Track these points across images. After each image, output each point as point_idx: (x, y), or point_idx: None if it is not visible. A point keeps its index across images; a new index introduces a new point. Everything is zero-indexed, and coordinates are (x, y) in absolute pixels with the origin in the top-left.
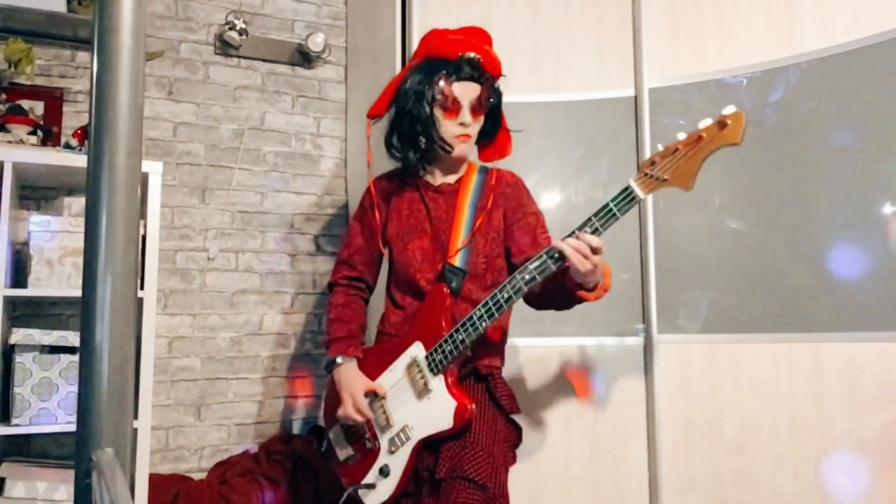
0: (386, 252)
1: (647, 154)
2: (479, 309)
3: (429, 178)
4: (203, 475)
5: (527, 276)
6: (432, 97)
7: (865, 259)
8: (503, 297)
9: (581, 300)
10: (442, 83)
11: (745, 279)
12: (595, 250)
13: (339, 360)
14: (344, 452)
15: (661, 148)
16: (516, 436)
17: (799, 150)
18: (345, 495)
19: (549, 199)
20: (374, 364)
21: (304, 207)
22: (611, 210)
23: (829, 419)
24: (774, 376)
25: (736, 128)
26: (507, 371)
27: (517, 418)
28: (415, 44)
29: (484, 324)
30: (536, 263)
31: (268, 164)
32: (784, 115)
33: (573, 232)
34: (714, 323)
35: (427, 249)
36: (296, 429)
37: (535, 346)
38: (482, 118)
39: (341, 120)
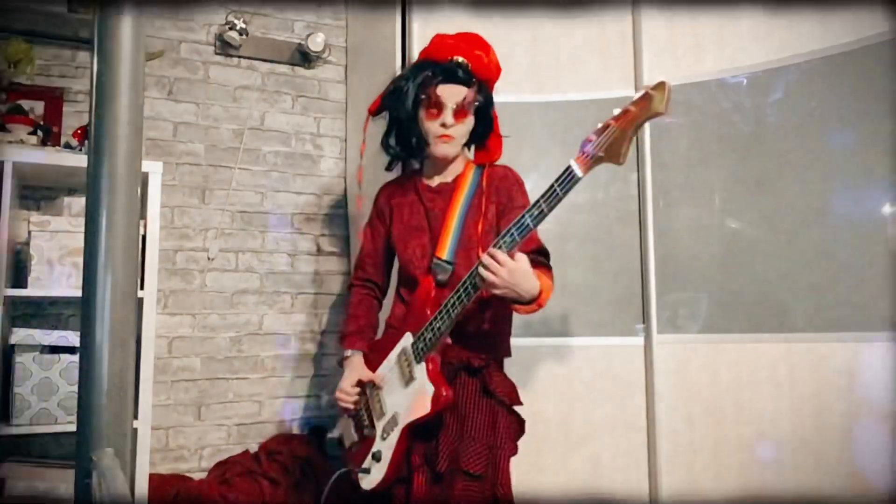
0: (390, 252)
1: (648, 154)
2: (451, 296)
3: (426, 179)
4: (203, 475)
5: (476, 276)
6: (416, 97)
7: (866, 259)
8: (471, 283)
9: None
10: (426, 84)
11: (746, 279)
12: (499, 272)
13: (347, 352)
14: (350, 440)
15: (598, 126)
16: (519, 428)
17: (799, 150)
18: (333, 477)
19: None
20: (375, 355)
21: (304, 207)
22: (555, 191)
23: (829, 419)
24: (775, 376)
25: (660, 97)
26: (508, 370)
27: (520, 411)
28: (415, 43)
29: (455, 310)
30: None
31: (268, 164)
32: (784, 115)
33: (520, 217)
34: (714, 323)
35: (426, 246)
36: (296, 429)
37: (535, 346)
38: (468, 120)
39: (341, 120)
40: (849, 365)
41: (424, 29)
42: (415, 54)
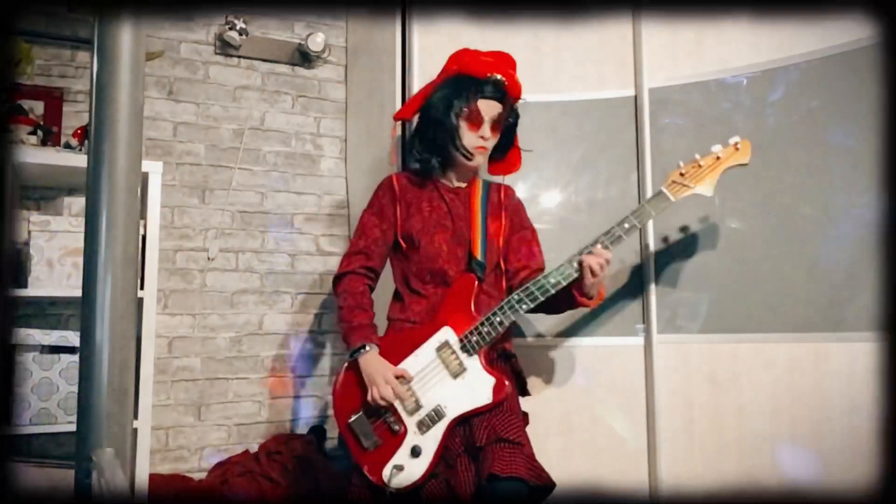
0: (403, 244)
1: (648, 154)
2: (518, 293)
3: (445, 180)
4: (203, 475)
5: (570, 270)
6: (459, 109)
7: (866, 259)
8: (550, 283)
9: (580, 305)
10: (469, 97)
11: (746, 279)
12: (604, 265)
13: (366, 347)
14: (367, 440)
15: (682, 165)
16: (525, 419)
17: (799, 150)
18: (387, 492)
19: (550, 199)
20: (395, 350)
21: (304, 207)
22: (646, 209)
23: (829, 419)
24: (774, 376)
25: (745, 151)
26: None
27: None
28: (415, 43)
29: (524, 305)
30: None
31: (268, 164)
32: (784, 115)
33: (611, 229)
34: (714, 323)
35: (450, 243)
36: (296, 429)
37: (535, 346)
38: (499, 134)
39: (341, 120)
40: (849, 365)
41: (424, 28)
42: (415, 54)
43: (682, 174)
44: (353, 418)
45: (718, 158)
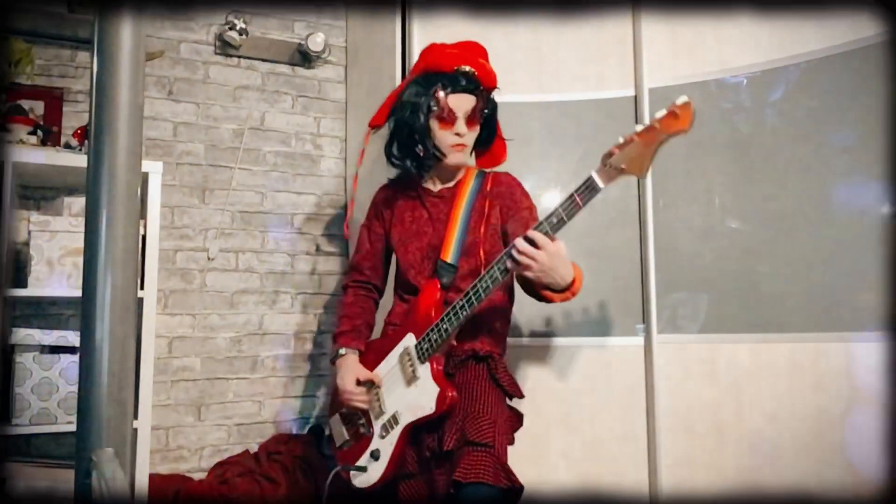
0: (395, 253)
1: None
2: (460, 299)
3: (429, 184)
4: (203, 475)
5: (501, 267)
6: (428, 108)
7: (866, 260)
8: (482, 286)
9: (547, 300)
10: (438, 95)
11: (746, 279)
12: (537, 255)
13: (341, 351)
14: (341, 437)
15: (620, 140)
16: (516, 420)
17: (798, 150)
18: (331, 474)
19: (550, 199)
20: (374, 355)
21: (304, 207)
22: (574, 199)
23: (829, 419)
24: (774, 376)
25: (685, 116)
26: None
27: (519, 406)
28: (415, 43)
29: (465, 312)
30: (503, 257)
31: (268, 164)
32: (784, 115)
33: (538, 224)
34: (714, 323)
35: (426, 250)
36: (296, 429)
37: (536, 346)
38: (477, 128)
39: (341, 120)
40: (848, 365)
41: (424, 28)
42: (415, 54)
43: (611, 154)
44: (333, 418)
45: (653, 129)
